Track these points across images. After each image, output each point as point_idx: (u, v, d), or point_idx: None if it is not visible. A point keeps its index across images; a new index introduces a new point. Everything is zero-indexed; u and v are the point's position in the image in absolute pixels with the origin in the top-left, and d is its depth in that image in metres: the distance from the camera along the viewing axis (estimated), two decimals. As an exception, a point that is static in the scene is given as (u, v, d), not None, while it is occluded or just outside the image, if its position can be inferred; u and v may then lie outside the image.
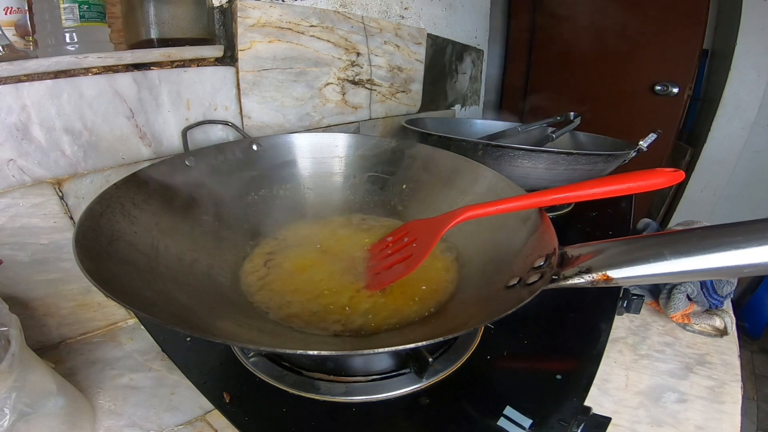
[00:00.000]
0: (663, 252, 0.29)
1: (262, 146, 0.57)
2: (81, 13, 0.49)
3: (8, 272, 0.46)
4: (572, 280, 0.31)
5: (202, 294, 0.38)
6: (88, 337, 0.54)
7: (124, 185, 0.40)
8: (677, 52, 1.40)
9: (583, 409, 0.36)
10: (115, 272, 0.31)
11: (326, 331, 0.37)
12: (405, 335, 0.36)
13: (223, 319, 0.35)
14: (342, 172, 0.61)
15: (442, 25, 1.06)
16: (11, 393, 0.32)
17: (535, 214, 0.40)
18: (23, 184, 0.45)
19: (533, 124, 0.94)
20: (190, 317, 0.31)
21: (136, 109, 0.52)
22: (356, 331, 0.37)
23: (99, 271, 0.29)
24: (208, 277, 0.41)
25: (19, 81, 0.43)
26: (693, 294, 0.61)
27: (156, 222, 0.41)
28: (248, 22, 0.61)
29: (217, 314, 0.35)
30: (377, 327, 0.37)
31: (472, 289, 0.41)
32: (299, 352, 0.25)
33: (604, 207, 0.81)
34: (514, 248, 0.40)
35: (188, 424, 0.42)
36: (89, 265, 0.28)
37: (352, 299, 0.40)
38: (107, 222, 0.36)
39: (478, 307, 0.37)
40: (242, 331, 0.33)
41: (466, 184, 0.53)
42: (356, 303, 0.40)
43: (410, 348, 0.26)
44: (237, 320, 0.35)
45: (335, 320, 0.38)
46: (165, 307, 0.31)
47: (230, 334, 0.31)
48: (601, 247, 0.32)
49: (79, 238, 0.31)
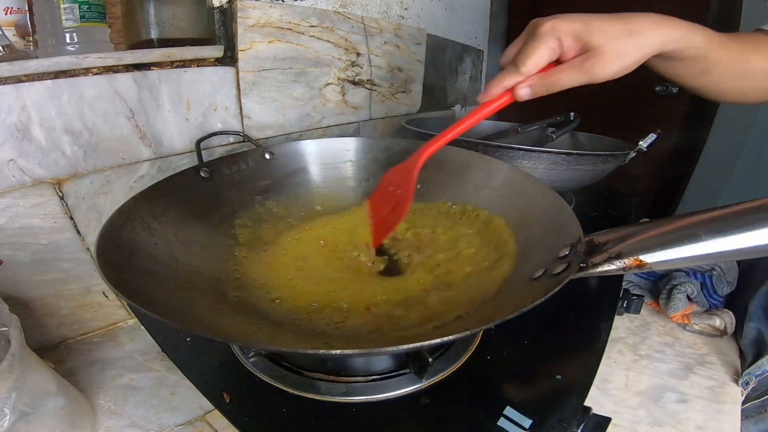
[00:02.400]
0: (698, 232, 0.27)
1: (275, 154, 0.58)
2: (81, 13, 0.49)
3: (8, 272, 0.46)
4: (602, 267, 0.30)
5: (223, 300, 0.38)
6: (88, 337, 0.54)
7: (142, 198, 0.41)
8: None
9: (584, 409, 0.36)
10: (138, 283, 0.32)
11: (329, 329, 0.36)
12: (418, 333, 0.36)
13: (241, 322, 0.35)
14: (355, 176, 0.61)
15: (442, 25, 1.06)
16: (11, 393, 0.32)
17: (555, 205, 0.41)
18: (23, 184, 0.45)
19: (533, 124, 0.94)
20: (211, 323, 0.32)
21: (136, 110, 0.52)
22: (364, 333, 0.36)
23: (122, 281, 0.29)
24: (228, 283, 0.42)
25: (20, 81, 0.44)
26: (693, 294, 0.61)
27: (175, 233, 0.42)
28: (248, 22, 0.61)
29: (237, 318, 0.36)
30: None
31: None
32: (321, 351, 0.26)
33: (604, 207, 0.82)
34: (536, 241, 0.40)
35: (188, 424, 0.42)
36: (111, 275, 0.29)
37: (371, 301, 0.40)
38: (128, 234, 0.37)
39: (501, 300, 0.36)
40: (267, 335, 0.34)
41: (481, 179, 0.53)
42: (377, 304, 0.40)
43: (435, 344, 0.26)
44: (250, 322, 0.35)
45: (339, 321, 0.38)
46: (190, 315, 0.32)
47: (246, 336, 0.32)
48: (630, 231, 0.31)
49: (100, 250, 0.32)
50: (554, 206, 0.41)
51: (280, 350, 0.36)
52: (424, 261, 0.45)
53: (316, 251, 0.48)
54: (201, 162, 0.54)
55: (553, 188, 0.43)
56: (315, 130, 0.77)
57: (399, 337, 0.34)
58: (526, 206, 0.45)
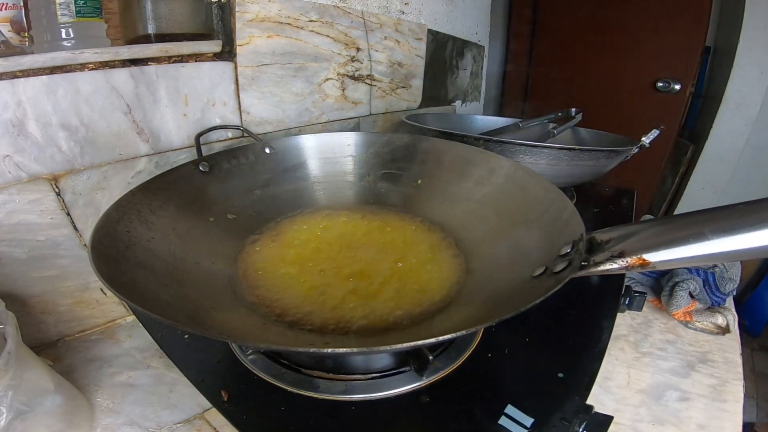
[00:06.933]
0: (703, 231, 0.26)
1: (275, 149, 0.57)
2: (77, 8, 0.48)
3: (5, 269, 0.46)
4: (603, 265, 0.29)
5: (221, 296, 0.38)
6: (86, 335, 0.53)
7: (140, 192, 0.41)
8: (679, 49, 1.39)
9: (585, 407, 0.36)
10: (131, 276, 0.32)
11: (328, 328, 0.36)
12: (417, 332, 0.36)
13: (239, 319, 0.35)
14: (355, 171, 0.60)
15: (442, 20, 1.05)
16: (7, 391, 0.32)
17: (558, 202, 0.40)
18: (19, 180, 0.45)
19: (534, 120, 0.93)
20: (207, 320, 0.31)
21: (133, 105, 0.52)
22: (362, 330, 0.36)
23: (114, 275, 0.29)
24: (225, 279, 0.41)
25: (15, 77, 0.43)
26: (695, 291, 0.60)
27: (173, 227, 0.41)
28: (247, 16, 0.60)
29: (235, 315, 0.35)
30: (384, 323, 0.37)
31: (488, 282, 0.41)
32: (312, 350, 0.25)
33: (605, 204, 0.81)
34: (538, 238, 0.39)
35: (187, 422, 0.42)
36: (104, 269, 0.29)
37: (364, 298, 0.40)
38: (124, 228, 0.36)
39: (501, 298, 0.36)
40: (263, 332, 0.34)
41: (483, 174, 0.52)
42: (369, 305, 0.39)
43: (432, 342, 0.25)
44: (247, 318, 0.35)
45: (337, 318, 0.37)
46: (185, 311, 0.31)
47: (245, 334, 0.32)
48: (633, 229, 0.30)
49: (95, 244, 0.31)
50: (556, 202, 0.40)
51: (271, 348, 0.36)
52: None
53: (316, 248, 0.48)
54: (200, 156, 0.54)
55: (555, 184, 0.43)
56: (314, 126, 0.76)
57: (397, 336, 0.34)
58: (528, 202, 0.44)
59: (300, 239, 0.49)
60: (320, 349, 0.25)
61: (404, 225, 0.52)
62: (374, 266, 0.45)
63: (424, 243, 0.48)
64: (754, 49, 1.38)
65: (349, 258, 0.46)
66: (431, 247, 0.48)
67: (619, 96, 1.49)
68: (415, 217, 0.53)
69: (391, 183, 0.59)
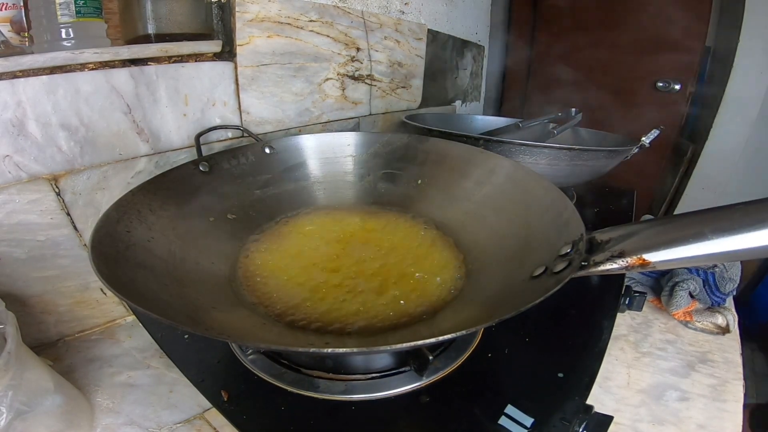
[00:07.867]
0: (704, 231, 0.26)
1: (275, 149, 0.57)
2: (77, 8, 0.48)
3: (5, 269, 0.46)
4: (603, 265, 0.29)
5: (221, 296, 0.38)
6: (86, 335, 0.53)
7: (140, 192, 0.41)
8: (679, 49, 1.39)
9: (585, 407, 0.36)
10: (131, 277, 0.32)
11: (329, 328, 0.36)
12: (417, 331, 0.36)
13: (239, 319, 0.35)
14: (355, 171, 0.61)
15: (442, 20, 1.05)
16: (7, 391, 0.32)
17: (558, 202, 0.40)
18: (19, 180, 0.45)
19: (534, 120, 0.93)
20: (207, 320, 0.32)
21: (133, 105, 0.52)
22: (362, 330, 0.36)
23: (114, 275, 0.29)
24: (225, 279, 0.41)
25: (15, 77, 0.43)
26: (695, 291, 0.60)
27: (173, 227, 0.41)
28: (247, 16, 0.60)
29: (235, 315, 0.35)
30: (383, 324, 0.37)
31: (488, 282, 0.41)
32: (312, 350, 0.25)
33: (605, 203, 0.81)
34: (537, 238, 0.39)
35: (187, 422, 0.42)
36: (104, 269, 0.29)
37: (363, 302, 0.40)
38: (124, 228, 0.36)
39: (501, 298, 0.36)
40: (261, 331, 0.34)
41: (483, 174, 0.52)
42: (369, 305, 0.39)
43: (432, 342, 0.25)
44: (247, 318, 0.35)
45: (337, 318, 0.37)
46: (184, 311, 0.31)
47: (245, 334, 0.32)
48: (633, 229, 0.30)
49: (95, 243, 0.31)
50: (556, 202, 0.40)
51: (271, 348, 0.36)
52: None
53: (316, 248, 0.48)
54: (200, 156, 0.54)
55: (555, 184, 0.43)
56: (314, 126, 0.76)
57: (397, 336, 0.34)
58: (528, 202, 0.44)
59: (300, 239, 0.49)
60: (320, 349, 0.25)
61: (404, 225, 0.52)
62: (374, 266, 0.45)
63: (424, 243, 0.48)
64: (753, 50, 1.38)
65: (349, 258, 0.46)
66: (431, 247, 0.48)
67: (619, 96, 1.49)
68: (415, 217, 0.53)
69: (391, 183, 0.59)
